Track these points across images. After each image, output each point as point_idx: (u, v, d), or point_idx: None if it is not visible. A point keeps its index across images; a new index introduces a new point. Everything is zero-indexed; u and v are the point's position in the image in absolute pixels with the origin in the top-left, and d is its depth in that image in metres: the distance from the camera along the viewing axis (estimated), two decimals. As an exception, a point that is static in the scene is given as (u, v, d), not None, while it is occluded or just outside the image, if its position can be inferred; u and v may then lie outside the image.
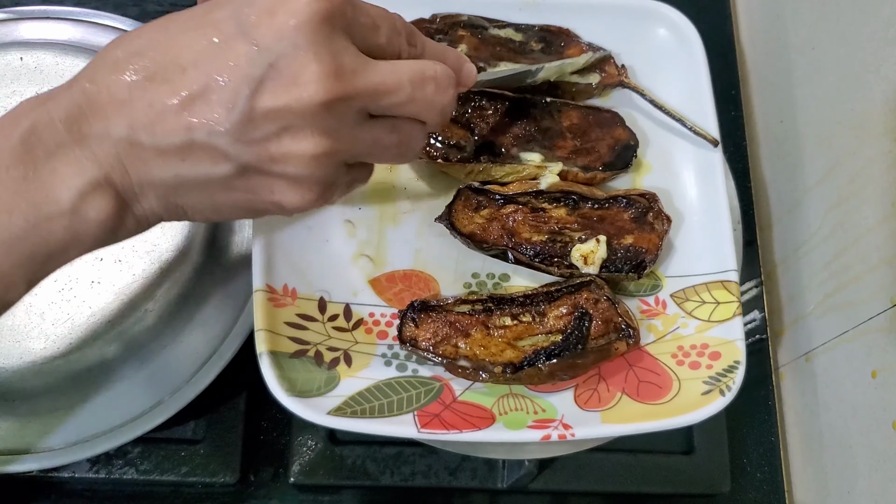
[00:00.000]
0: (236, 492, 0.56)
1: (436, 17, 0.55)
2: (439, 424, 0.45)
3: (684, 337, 0.50)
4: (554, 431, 0.45)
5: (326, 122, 0.34)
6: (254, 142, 0.34)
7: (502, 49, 0.56)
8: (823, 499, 0.56)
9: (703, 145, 0.54)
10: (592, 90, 0.56)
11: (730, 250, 0.51)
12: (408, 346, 0.48)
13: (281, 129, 0.34)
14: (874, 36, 0.51)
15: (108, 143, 0.33)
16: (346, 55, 0.34)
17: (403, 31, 0.39)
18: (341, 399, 0.45)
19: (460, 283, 0.52)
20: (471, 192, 0.51)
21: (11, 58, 0.54)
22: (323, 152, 0.35)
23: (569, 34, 0.57)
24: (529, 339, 0.49)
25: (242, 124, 0.33)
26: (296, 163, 0.34)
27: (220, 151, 0.34)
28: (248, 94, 0.32)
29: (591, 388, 0.48)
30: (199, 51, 0.33)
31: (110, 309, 0.49)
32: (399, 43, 0.38)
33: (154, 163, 0.34)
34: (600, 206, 0.52)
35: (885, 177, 0.49)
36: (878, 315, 0.50)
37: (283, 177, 0.35)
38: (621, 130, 0.55)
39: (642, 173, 0.55)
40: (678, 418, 0.46)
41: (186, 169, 0.34)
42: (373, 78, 0.35)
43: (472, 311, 0.49)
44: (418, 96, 0.37)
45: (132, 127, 0.33)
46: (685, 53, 0.56)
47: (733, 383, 0.47)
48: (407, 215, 0.53)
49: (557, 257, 0.50)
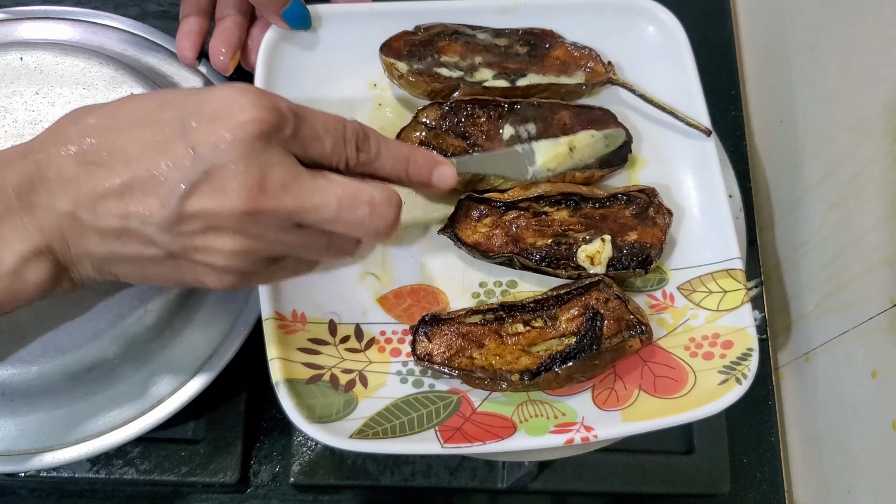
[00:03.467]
0: (236, 492, 0.56)
1: (419, 28, 0.55)
2: (462, 438, 0.45)
3: (695, 328, 0.50)
4: (576, 434, 0.45)
5: (248, 227, 0.37)
6: (181, 234, 0.37)
7: (488, 55, 0.56)
8: (823, 499, 0.56)
9: (696, 136, 0.54)
10: (582, 90, 0.56)
11: (732, 238, 0.51)
12: (423, 361, 0.48)
13: (206, 227, 0.37)
14: (874, 36, 0.51)
15: (52, 215, 0.37)
16: (276, 169, 0.37)
17: (352, 138, 0.41)
18: (361, 421, 0.45)
19: (468, 294, 0.52)
20: (472, 202, 0.51)
21: (11, 58, 0.54)
22: (241, 250, 0.38)
23: (553, 35, 0.57)
24: (543, 344, 0.48)
25: (173, 219, 0.36)
26: (215, 255, 0.38)
27: (151, 239, 0.37)
28: (180, 195, 0.36)
29: (609, 388, 0.48)
30: (144, 147, 0.36)
31: (110, 309, 0.49)
32: (346, 151, 0.41)
33: (92, 238, 0.37)
34: (601, 205, 0.52)
35: (885, 177, 0.49)
36: (878, 315, 0.50)
37: (206, 264, 0.38)
38: (614, 126, 0.55)
39: (638, 169, 0.56)
40: (698, 410, 0.46)
41: (120, 247, 0.38)
42: (300, 196, 0.38)
43: (484, 320, 0.49)
44: (347, 217, 0.39)
45: (76, 204, 0.36)
46: (669, 46, 0.56)
47: (749, 371, 0.47)
48: (408, 230, 0.53)
49: (564, 260, 0.50)
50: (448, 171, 0.46)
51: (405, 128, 0.53)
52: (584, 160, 0.53)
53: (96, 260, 0.39)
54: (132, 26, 0.61)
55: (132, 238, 0.37)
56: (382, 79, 0.56)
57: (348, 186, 0.39)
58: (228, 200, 0.36)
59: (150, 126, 0.36)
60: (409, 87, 0.54)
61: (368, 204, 0.39)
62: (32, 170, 0.36)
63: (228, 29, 0.55)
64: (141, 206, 0.36)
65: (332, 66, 0.56)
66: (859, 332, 0.52)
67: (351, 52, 0.56)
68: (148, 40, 0.61)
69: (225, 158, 0.36)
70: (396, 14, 0.55)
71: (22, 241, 0.37)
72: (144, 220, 0.36)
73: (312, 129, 0.39)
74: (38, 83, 0.54)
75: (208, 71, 0.59)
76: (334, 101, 0.56)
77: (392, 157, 0.43)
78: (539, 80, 0.55)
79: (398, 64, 0.54)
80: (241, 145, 0.36)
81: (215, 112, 0.36)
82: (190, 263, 0.39)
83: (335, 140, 0.40)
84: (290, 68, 0.54)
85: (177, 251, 0.38)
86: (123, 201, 0.36)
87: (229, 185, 0.36)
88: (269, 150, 0.37)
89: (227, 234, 0.37)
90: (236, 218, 0.36)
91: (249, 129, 0.36)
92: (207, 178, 0.36)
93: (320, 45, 0.55)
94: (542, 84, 0.55)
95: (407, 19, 0.55)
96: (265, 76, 0.53)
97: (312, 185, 0.38)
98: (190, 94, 0.38)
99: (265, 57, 0.53)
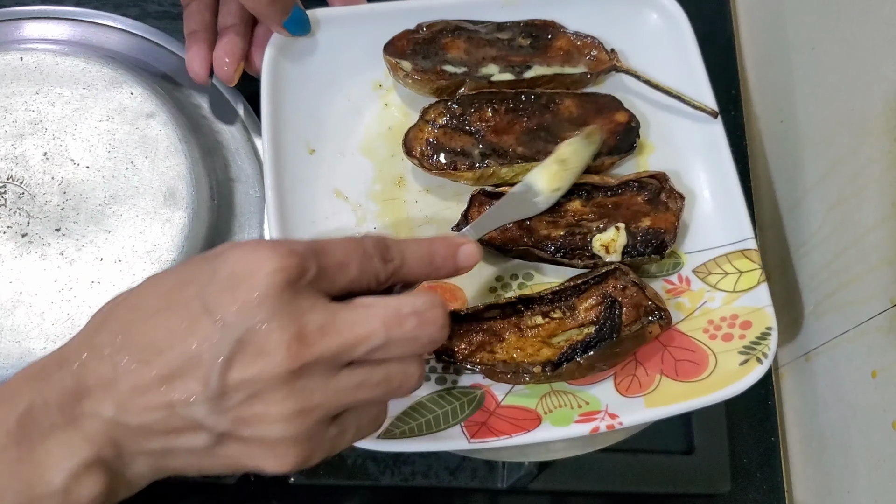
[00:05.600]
0: (236, 492, 0.56)
1: (421, 26, 0.56)
2: (488, 432, 0.45)
3: (713, 310, 0.50)
4: (601, 423, 0.45)
5: (296, 385, 0.35)
6: (227, 410, 0.35)
7: (491, 49, 0.56)
8: (823, 499, 0.56)
9: (703, 119, 0.54)
10: (587, 79, 0.56)
11: (745, 218, 0.51)
12: (444, 358, 0.48)
13: (252, 395, 0.35)
14: (874, 36, 0.51)
15: (98, 423, 0.35)
16: (311, 314, 0.35)
17: (376, 252, 0.39)
18: (388, 421, 0.45)
19: (486, 288, 0.52)
20: (484, 197, 0.51)
21: (11, 58, 0.54)
22: (294, 412, 0.35)
23: (554, 26, 0.57)
24: (563, 335, 0.49)
25: (216, 395, 0.34)
26: (268, 426, 0.35)
27: (198, 422, 0.35)
28: (219, 370, 0.34)
29: (630, 375, 0.48)
30: (172, 333, 0.35)
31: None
32: (373, 267, 0.39)
33: (141, 437, 0.36)
34: (613, 192, 0.52)
35: (885, 177, 0.49)
36: (878, 315, 0.50)
37: (259, 441, 0.36)
38: (621, 113, 0.55)
39: (647, 154, 0.56)
40: (720, 392, 0.46)
41: (170, 441, 0.36)
42: (342, 333, 0.35)
43: (503, 314, 0.49)
44: (397, 337, 0.36)
45: (120, 407, 0.35)
46: (672, 32, 0.56)
47: (769, 350, 0.47)
48: (422, 228, 0.53)
49: (579, 250, 0.50)
50: (471, 249, 0.43)
51: (412, 127, 0.53)
52: (581, 164, 0.52)
53: (150, 458, 0.37)
54: (132, 26, 0.61)
55: (179, 427, 0.35)
56: (387, 79, 0.56)
57: (387, 306, 0.37)
58: (270, 362, 0.34)
59: (172, 310, 0.35)
60: (414, 85, 0.54)
61: (414, 315, 0.37)
62: (71, 382, 0.35)
63: (232, 40, 0.55)
64: (181, 391, 0.34)
65: (336, 70, 0.56)
66: (859, 332, 0.52)
67: (354, 54, 0.56)
68: (148, 40, 0.61)
69: (255, 320, 0.34)
70: (397, 13, 0.56)
71: (70, 456, 0.35)
72: (187, 403, 0.34)
73: (335, 260, 0.37)
74: (38, 83, 0.54)
75: (220, 84, 0.59)
76: (340, 104, 0.56)
77: (416, 257, 0.41)
78: (544, 70, 0.55)
79: (402, 63, 0.54)
80: (269, 302, 0.34)
81: (233, 276, 0.35)
82: (243, 445, 0.36)
83: (360, 261, 0.38)
84: (294, 75, 0.55)
85: (227, 430, 0.35)
86: (164, 391, 0.34)
87: (267, 346, 0.34)
88: (298, 298, 0.35)
89: (275, 399, 0.35)
90: (282, 378, 0.34)
91: (273, 283, 0.34)
92: (242, 346, 0.34)
93: (323, 50, 0.56)
94: (548, 75, 0.55)
95: (408, 18, 0.56)
96: (271, 85, 0.53)
97: (351, 317, 0.36)
98: (204, 264, 0.36)
99: (269, 66, 0.53)
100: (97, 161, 0.53)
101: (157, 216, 0.52)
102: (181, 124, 0.55)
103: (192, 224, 0.52)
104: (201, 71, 0.55)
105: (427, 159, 0.52)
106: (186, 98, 0.60)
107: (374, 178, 0.55)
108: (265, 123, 0.52)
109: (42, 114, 0.53)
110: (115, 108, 0.54)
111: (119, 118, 0.54)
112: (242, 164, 0.59)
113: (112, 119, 0.54)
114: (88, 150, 0.53)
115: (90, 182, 0.52)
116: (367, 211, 0.54)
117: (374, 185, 0.55)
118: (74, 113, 0.53)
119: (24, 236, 0.51)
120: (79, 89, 0.54)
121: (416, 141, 0.53)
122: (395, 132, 0.56)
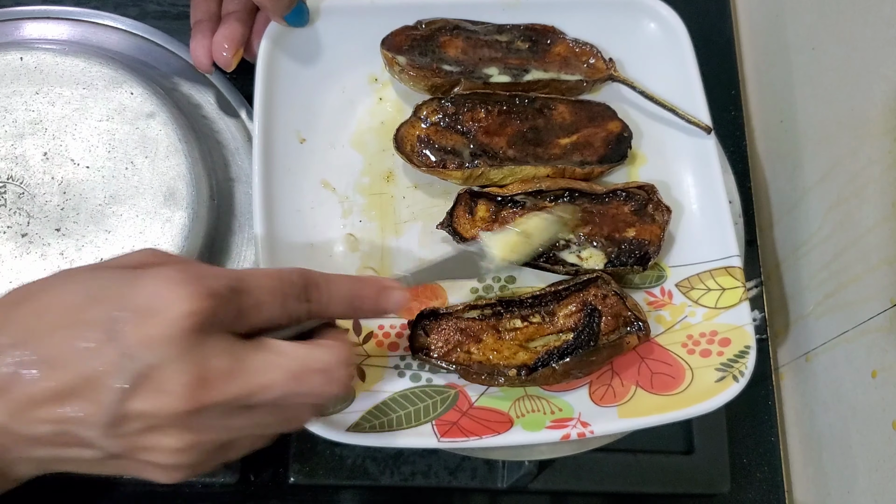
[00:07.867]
0: (236, 492, 0.56)
1: (420, 23, 0.55)
2: (458, 432, 0.45)
3: (693, 325, 0.50)
4: (573, 430, 0.45)
5: (192, 423, 0.35)
6: (121, 436, 0.34)
7: (489, 51, 0.56)
8: (823, 499, 0.56)
9: (697, 133, 0.54)
10: (583, 86, 0.56)
11: (731, 236, 0.51)
12: (420, 356, 0.48)
13: (147, 427, 0.34)
14: (874, 36, 0.51)
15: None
16: (216, 359, 0.35)
17: (300, 293, 0.38)
18: (359, 415, 0.46)
19: (467, 289, 0.52)
20: (470, 197, 0.51)
21: (11, 58, 0.54)
22: (186, 447, 0.35)
23: (554, 31, 0.57)
24: (541, 340, 0.49)
25: (111, 422, 0.34)
26: (160, 455, 0.35)
27: (89, 442, 0.35)
28: (118, 398, 0.33)
29: (606, 384, 0.48)
30: (75, 351, 0.34)
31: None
32: (293, 308, 0.38)
33: (29, 444, 0.35)
34: (600, 200, 0.52)
35: (885, 177, 0.49)
36: (878, 315, 0.50)
37: (151, 463, 0.36)
38: (614, 122, 0.55)
39: (638, 165, 0.56)
40: (694, 407, 0.46)
41: (59, 452, 0.35)
42: (245, 380, 0.35)
43: (482, 315, 0.49)
44: (300, 391, 0.36)
45: (12, 415, 0.34)
46: (671, 43, 0.56)
47: (746, 368, 0.47)
48: (408, 224, 0.53)
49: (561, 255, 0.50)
50: (398, 296, 0.42)
51: (404, 123, 0.53)
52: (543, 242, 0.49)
53: (35, 462, 0.37)
54: (132, 26, 0.61)
55: (69, 442, 0.35)
56: (383, 73, 0.56)
57: (297, 358, 0.36)
58: (168, 401, 0.34)
59: (78, 328, 0.34)
60: (409, 81, 0.54)
61: (322, 373, 0.37)
62: None
63: (232, 26, 0.55)
64: (77, 409, 0.34)
65: (332, 61, 0.56)
66: (859, 332, 0.52)
67: (352, 46, 0.56)
68: (148, 40, 0.61)
69: (160, 358, 0.33)
70: (398, 8, 0.56)
71: None
72: (80, 424, 0.34)
73: (254, 301, 0.37)
74: (38, 83, 0.54)
75: (220, 80, 0.59)
76: (335, 96, 0.56)
77: (342, 297, 0.40)
78: (541, 75, 0.55)
79: (399, 58, 0.54)
80: (176, 343, 0.33)
81: (146, 307, 0.34)
82: (134, 462, 0.36)
83: (280, 302, 0.38)
84: (290, 64, 0.55)
85: (118, 452, 0.35)
86: (57, 407, 0.34)
87: (167, 385, 0.33)
88: (207, 341, 0.34)
89: (170, 433, 0.35)
90: (179, 417, 0.34)
91: (184, 326, 0.33)
92: (143, 380, 0.33)
93: (321, 41, 0.56)
94: (544, 80, 0.55)
95: (408, 14, 0.56)
96: (265, 72, 0.53)
97: (258, 363, 0.36)
98: (118, 284, 0.35)
99: (265, 55, 0.53)
100: (97, 161, 0.53)
101: (157, 216, 0.52)
102: (181, 124, 0.55)
103: (192, 224, 0.52)
104: (205, 60, 0.55)
105: (417, 156, 0.52)
106: (186, 98, 0.61)
107: (363, 171, 0.55)
108: (257, 110, 0.52)
109: (42, 114, 0.53)
110: (115, 108, 0.54)
111: (119, 118, 0.54)
112: (242, 164, 0.59)
113: (112, 119, 0.54)
114: (88, 150, 0.53)
115: (90, 182, 0.52)
116: (354, 203, 0.54)
117: (362, 178, 0.55)
118: (74, 113, 0.53)
119: (24, 236, 0.51)
120: (79, 89, 0.54)
121: (408, 137, 0.53)
122: (387, 127, 0.56)
